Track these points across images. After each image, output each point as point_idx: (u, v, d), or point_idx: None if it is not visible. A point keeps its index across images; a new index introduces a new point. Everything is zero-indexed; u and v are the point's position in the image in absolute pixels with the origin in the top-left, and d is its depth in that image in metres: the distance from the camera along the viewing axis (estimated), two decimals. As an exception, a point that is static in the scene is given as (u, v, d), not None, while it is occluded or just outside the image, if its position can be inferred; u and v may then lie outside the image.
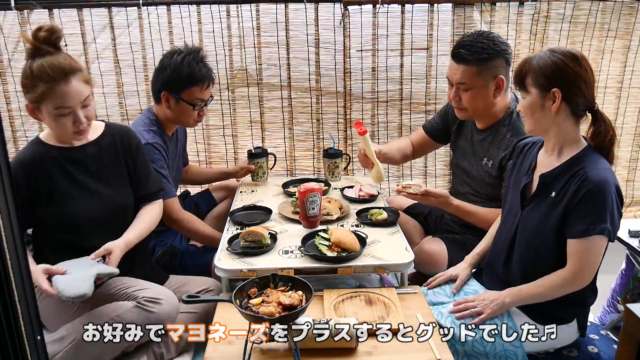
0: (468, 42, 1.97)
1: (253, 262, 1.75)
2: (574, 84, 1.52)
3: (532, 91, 1.56)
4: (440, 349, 1.43)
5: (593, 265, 1.54)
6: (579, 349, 1.70)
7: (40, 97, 1.60)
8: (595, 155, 1.55)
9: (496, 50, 1.95)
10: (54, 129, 1.70)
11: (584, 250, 1.51)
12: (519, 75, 1.59)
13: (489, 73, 1.96)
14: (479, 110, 2.04)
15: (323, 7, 2.67)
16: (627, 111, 2.97)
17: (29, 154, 1.70)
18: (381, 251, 1.82)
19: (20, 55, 2.70)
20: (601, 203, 1.47)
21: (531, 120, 1.60)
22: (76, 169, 1.73)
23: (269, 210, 2.14)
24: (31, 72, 1.59)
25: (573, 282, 1.54)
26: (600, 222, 1.48)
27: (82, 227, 1.72)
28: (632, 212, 3.13)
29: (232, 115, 2.85)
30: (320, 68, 2.77)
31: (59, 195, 1.70)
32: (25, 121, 2.81)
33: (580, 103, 1.54)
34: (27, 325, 0.86)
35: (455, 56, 2.00)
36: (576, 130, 1.58)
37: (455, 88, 2.03)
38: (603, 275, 1.67)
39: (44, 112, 1.63)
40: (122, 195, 1.81)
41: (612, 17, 2.78)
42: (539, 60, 1.54)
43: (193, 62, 2.04)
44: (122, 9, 2.63)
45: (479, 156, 2.11)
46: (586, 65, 1.53)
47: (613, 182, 1.50)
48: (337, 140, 2.85)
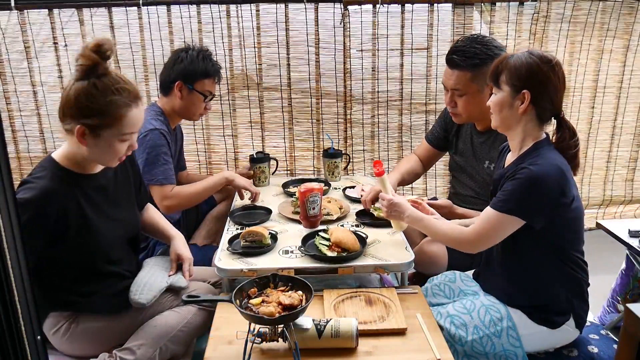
0: (461, 47, 1.96)
1: (253, 262, 1.75)
2: (544, 89, 1.55)
3: (504, 89, 1.59)
4: (440, 349, 1.43)
5: (489, 237, 1.59)
6: (579, 348, 1.70)
7: (107, 122, 1.46)
8: (546, 150, 1.57)
9: (489, 55, 1.93)
10: (102, 154, 1.53)
11: (488, 219, 1.57)
12: (494, 72, 1.61)
13: (483, 78, 1.93)
14: (475, 114, 2.05)
15: (323, 7, 2.67)
16: (626, 111, 2.97)
17: (56, 182, 1.49)
18: (381, 251, 1.82)
19: (21, 56, 2.70)
20: (523, 188, 1.51)
21: (498, 117, 1.63)
22: (97, 195, 1.60)
23: (268, 210, 2.14)
24: (99, 95, 1.45)
25: (467, 243, 1.63)
26: (509, 202, 1.52)
27: (103, 254, 1.62)
28: (631, 212, 3.13)
29: (232, 116, 2.85)
30: (320, 68, 2.77)
31: (86, 225, 1.56)
32: (25, 121, 2.81)
33: (547, 108, 1.57)
34: (27, 325, 0.86)
35: (448, 62, 2.00)
36: (538, 130, 1.61)
37: (450, 93, 2.03)
38: (603, 275, 1.67)
39: (103, 138, 1.48)
40: (134, 216, 1.77)
41: (611, 17, 2.78)
42: (516, 60, 1.57)
43: (207, 57, 2.19)
44: (122, 9, 2.63)
45: (481, 159, 2.11)
46: (559, 71, 1.56)
47: (550, 177, 1.50)
48: (333, 140, 2.85)
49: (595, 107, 2.93)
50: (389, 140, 2.91)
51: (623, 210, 3.13)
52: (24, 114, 2.80)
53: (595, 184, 3.09)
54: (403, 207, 1.77)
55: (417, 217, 1.75)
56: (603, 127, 2.99)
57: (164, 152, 2.09)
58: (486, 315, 1.63)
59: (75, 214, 1.53)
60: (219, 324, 1.56)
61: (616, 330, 2.04)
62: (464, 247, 1.65)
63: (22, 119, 2.80)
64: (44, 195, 1.45)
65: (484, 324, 1.61)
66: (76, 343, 1.63)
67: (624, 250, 2.21)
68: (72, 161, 1.55)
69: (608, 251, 1.81)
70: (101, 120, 1.46)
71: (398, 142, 2.92)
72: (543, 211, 1.52)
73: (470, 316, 1.64)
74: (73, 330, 1.62)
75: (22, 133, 2.83)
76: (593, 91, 2.91)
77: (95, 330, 1.64)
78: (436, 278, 1.90)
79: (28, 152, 2.87)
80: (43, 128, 2.83)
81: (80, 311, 1.63)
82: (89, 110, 1.45)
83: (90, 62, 1.44)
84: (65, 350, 1.65)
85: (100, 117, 1.46)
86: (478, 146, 2.14)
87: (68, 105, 1.46)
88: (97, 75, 1.46)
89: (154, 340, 1.61)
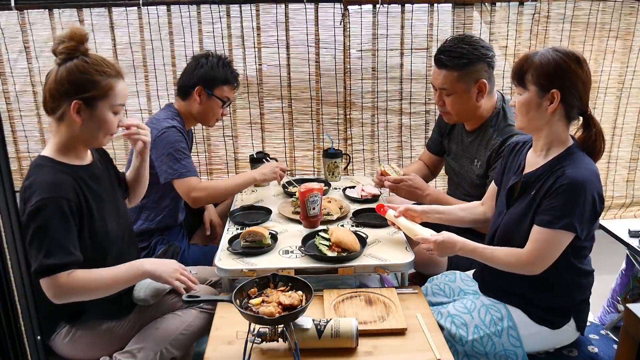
0: (448, 47, 1.98)
1: (253, 262, 1.75)
2: (574, 87, 1.50)
3: (530, 89, 1.53)
4: (440, 349, 1.43)
5: (549, 256, 1.51)
6: (579, 349, 1.70)
7: (101, 92, 1.50)
8: (580, 155, 1.54)
9: (476, 55, 1.95)
10: (96, 130, 1.53)
11: (544, 240, 1.50)
12: (518, 71, 1.55)
13: (470, 78, 1.97)
14: (463, 113, 2.07)
15: (323, 7, 2.67)
16: (627, 111, 2.97)
17: (59, 176, 1.49)
18: (381, 251, 1.82)
19: (21, 56, 2.70)
20: (572, 199, 1.45)
21: (525, 118, 1.57)
22: (96, 185, 1.59)
23: (268, 211, 2.14)
24: (90, 67, 1.49)
25: (525, 265, 1.53)
26: (566, 217, 1.46)
27: (111, 249, 1.61)
28: (632, 212, 3.13)
29: (232, 116, 2.85)
30: (320, 68, 2.77)
31: (93, 218, 1.55)
32: (25, 121, 2.81)
33: (575, 106, 1.53)
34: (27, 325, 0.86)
35: (436, 61, 2.02)
36: (566, 131, 1.57)
37: (438, 93, 2.06)
38: (603, 275, 1.67)
39: (98, 110, 1.51)
40: (125, 208, 1.78)
41: (612, 17, 2.78)
42: (542, 57, 1.51)
43: (227, 65, 2.24)
44: (122, 9, 2.63)
45: (470, 158, 2.13)
46: (587, 68, 1.52)
47: (593, 183, 1.47)
48: (333, 140, 2.85)
49: (596, 107, 2.93)
50: (389, 140, 2.91)
51: (624, 212, 3.13)
52: (24, 114, 2.80)
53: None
54: (451, 241, 1.64)
55: (469, 248, 1.63)
56: (604, 128, 2.97)
57: (183, 147, 2.12)
58: (487, 315, 1.63)
59: (83, 205, 1.52)
60: (219, 324, 1.56)
61: (616, 330, 2.04)
62: (525, 271, 1.55)
63: (22, 119, 2.80)
64: (56, 191, 1.44)
65: (485, 324, 1.61)
66: (77, 346, 1.63)
67: (624, 250, 2.21)
68: (64, 153, 1.55)
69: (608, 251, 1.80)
70: (96, 92, 1.50)
71: (398, 142, 2.92)
72: (591, 221, 1.49)
73: (470, 316, 1.63)
74: (74, 333, 1.62)
75: (22, 133, 2.83)
76: (594, 91, 2.91)
77: (97, 333, 1.63)
78: (436, 278, 1.90)
79: (28, 152, 2.87)
80: (43, 128, 2.83)
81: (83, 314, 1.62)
82: (84, 82, 1.48)
83: (75, 43, 1.48)
84: (66, 353, 1.65)
85: (95, 88, 1.50)
86: (467, 146, 2.15)
87: (60, 86, 1.48)
88: (82, 54, 1.50)
89: (154, 344, 1.61)
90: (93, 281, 1.47)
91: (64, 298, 1.45)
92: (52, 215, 1.41)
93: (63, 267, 1.42)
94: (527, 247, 1.53)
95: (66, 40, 1.48)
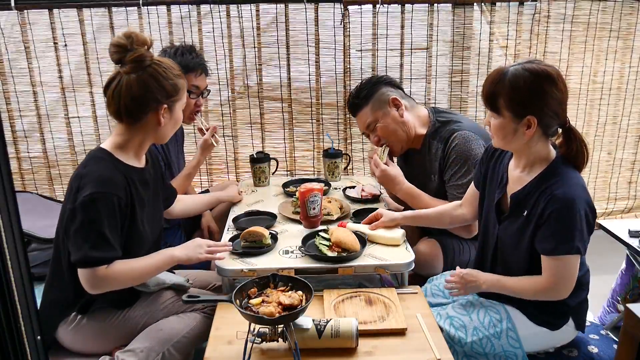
0: (352, 95, 2.20)
1: (253, 262, 1.75)
2: (549, 109, 1.45)
3: (505, 114, 1.48)
4: (440, 349, 1.43)
5: (568, 279, 1.49)
6: (579, 348, 1.70)
7: (181, 94, 1.62)
8: (563, 169, 1.51)
9: (373, 83, 2.16)
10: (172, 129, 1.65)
11: (556, 267, 1.49)
12: (490, 96, 1.49)
13: (381, 101, 2.13)
14: (399, 134, 2.15)
15: (323, 7, 2.67)
16: (628, 112, 2.96)
17: (117, 174, 1.53)
18: (381, 251, 1.82)
19: (21, 56, 2.70)
20: (569, 222, 1.43)
21: (502, 141, 1.54)
22: (144, 190, 1.64)
23: (273, 216, 2.10)
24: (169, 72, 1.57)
25: (548, 292, 1.52)
26: (568, 242, 1.44)
27: (141, 248, 1.62)
28: (633, 212, 3.13)
29: (232, 116, 2.85)
30: (320, 68, 2.77)
31: (135, 219, 1.58)
32: (25, 121, 2.81)
33: (553, 124, 1.50)
34: (27, 325, 0.86)
35: (352, 111, 2.22)
36: (546, 147, 1.54)
37: (371, 134, 2.19)
38: (603, 275, 1.67)
39: (175, 110, 1.62)
40: (161, 217, 1.82)
41: (612, 17, 2.78)
42: (513, 80, 1.44)
43: (186, 52, 2.14)
44: (122, 9, 2.63)
45: (427, 174, 2.16)
46: (562, 84, 1.46)
47: (583, 198, 1.45)
48: (333, 140, 2.85)
49: (598, 108, 2.93)
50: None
51: (626, 213, 3.13)
52: (24, 114, 2.80)
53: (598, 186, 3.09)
54: (474, 276, 1.62)
55: (494, 281, 1.60)
56: (606, 130, 2.98)
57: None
58: (485, 317, 1.63)
59: (129, 206, 1.55)
60: (219, 324, 1.56)
61: (616, 330, 2.03)
62: (553, 298, 1.53)
63: (22, 119, 2.80)
64: (110, 187, 1.49)
65: (484, 325, 1.61)
66: (81, 336, 1.64)
67: (624, 250, 2.21)
68: (124, 151, 1.60)
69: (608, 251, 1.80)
70: (178, 94, 1.61)
71: (398, 142, 2.92)
72: (588, 234, 1.48)
73: (469, 317, 1.63)
74: (79, 321, 1.63)
75: (22, 133, 2.83)
76: (595, 92, 2.90)
77: (101, 324, 1.64)
78: (435, 279, 1.90)
79: (28, 152, 2.87)
80: (43, 128, 2.83)
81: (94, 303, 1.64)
82: (169, 87, 1.57)
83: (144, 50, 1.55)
84: (69, 343, 1.66)
85: (177, 91, 1.60)
86: (419, 165, 2.19)
87: (147, 92, 1.53)
88: (151, 59, 1.56)
89: (158, 345, 1.61)
90: (129, 272, 1.53)
91: (100, 289, 1.50)
92: (103, 210, 1.46)
93: (106, 260, 1.47)
94: (543, 275, 1.52)
95: (132, 48, 1.52)
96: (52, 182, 2.92)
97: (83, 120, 2.82)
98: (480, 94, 2.80)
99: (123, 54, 1.53)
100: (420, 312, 1.59)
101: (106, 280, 1.48)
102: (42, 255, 2.31)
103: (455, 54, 2.77)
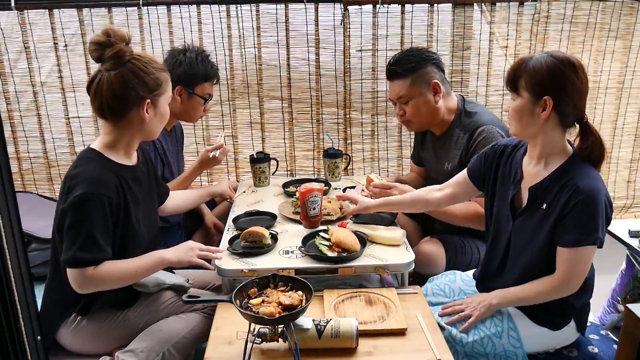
0: (396, 58, 2.11)
1: (253, 262, 1.75)
2: (567, 94, 1.47)
3: (523, 95, 1.51)
4: (440, 349, 1.43)
5: (582, 273, 1.51)
6: (579, 349, 1.70)
7: (163, 88, 1.60)
8: (582, 164, 1.52)
9: (422, 58, 2.07)
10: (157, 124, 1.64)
11: (574, 259, 1.49)
12: (512, 77, 1.53)
13: (422, 81, 2.07)
14: (425, 118, 2.12)
15: (323, 7, 2.67)
16: (627, 112, 2.97)
17: (107, 174, 1.52)
18: (381, 251, 1.82)
19: (21, 56, 2.70)
20: (593, 213, 1.45)
21: (518, 124, 1.55)
22: (137, 187, 1.63)
23: (273, 216, 2.10)
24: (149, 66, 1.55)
25: (561, 288, 1.53)
26: (592, 232, 1.45)
27: (137, 247, 1.63)
28: (632, 213, 3.13)
29: (232, 116, 2.85)
30: (320, 68, 2.77)
31: (130, 217, 1.58)
32: (25, 121, 2.81)
33: (570, 114, 1.50)
34: (27, 326, 0.86)
35: (388, 75, 2.14)
36: (562, 139, 1.55)
37: (397, 105, 2.14)
38: (603, 275, 1.67)
39: (160, 105, 1.60)
40: (157, 215, 1.81)
41: (612, 18, 2.78)
42: (535, 63, 1.48)
43: (205, 59, 2.19)
44: (122, 9, 2.63)
45: (441, 162, 2.16)
46: (583, 75, 1.48)
47: (603, 191, 1.47)
48: (333, 140, 2.85)
49: (596, 108, 2.93)
50: (389, 140, 2.91)
51: (625, 213, 3.13)
52: (24, 114, 2.80)
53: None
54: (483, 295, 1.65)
55: (505, 296, 1.61)
56: (604, 128, 2.98)
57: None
58: (486, 316, 1.63)
59: (121, 205, 1.55)
60: (219, 324, 1.56)
61: (616, 330, 2.04)
62: (562, 294, 1.54)
63: (22, 119, 2.80)
64: (100, 187, 1.48)
65: (485, 325, 1.61)
66: (81, 337, 1.64)
67: (624, 250, 2.21)
68: (114, 150, 1.60)
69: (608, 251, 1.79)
70: (161, 88, 1.59)
71: (398, 142, 2.92)
72: (606, 227, 1.49)
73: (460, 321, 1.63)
74: (79, 322, 1.63)
75: (22, 133, 2.83)
76: (594, 92, 2.90)
77: (100, 325, 1.64)
78: (436, 278, 1.90)
79: (28, 152, 2.87)
80: (43, 128, 2.83)
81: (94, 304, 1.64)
82: (150, 82, 1.56)
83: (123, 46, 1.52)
84: (69, 343, 1.66)
85: (159, 86, 1.59)
86: (438, 151, 2.19)
87: (127, 89, 1.52)
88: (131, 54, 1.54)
89: (158, 345, 1.61)
90: (117, 273, 1.52)
91: (88, 289, 1.51)
92: (92, 211, 1.45)
93: (94, 262, 1.47)
94: (558, 271, 1.52)
95: (110, 45, 1.51)
96: (52, 182, 2.92)
97: (83, 120, 2.82)
98: (480, 93, 2.84)
99: (102, 51, 1.52)
100: (420, 312, 1.59)
101: (94, 281, 1.48)
102: (42, 255, 2.31)
103: (455, 54, 2.77)
